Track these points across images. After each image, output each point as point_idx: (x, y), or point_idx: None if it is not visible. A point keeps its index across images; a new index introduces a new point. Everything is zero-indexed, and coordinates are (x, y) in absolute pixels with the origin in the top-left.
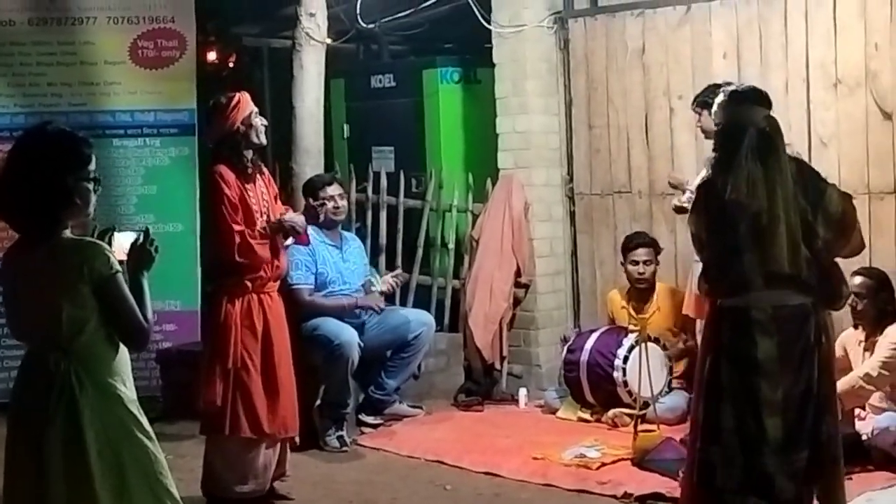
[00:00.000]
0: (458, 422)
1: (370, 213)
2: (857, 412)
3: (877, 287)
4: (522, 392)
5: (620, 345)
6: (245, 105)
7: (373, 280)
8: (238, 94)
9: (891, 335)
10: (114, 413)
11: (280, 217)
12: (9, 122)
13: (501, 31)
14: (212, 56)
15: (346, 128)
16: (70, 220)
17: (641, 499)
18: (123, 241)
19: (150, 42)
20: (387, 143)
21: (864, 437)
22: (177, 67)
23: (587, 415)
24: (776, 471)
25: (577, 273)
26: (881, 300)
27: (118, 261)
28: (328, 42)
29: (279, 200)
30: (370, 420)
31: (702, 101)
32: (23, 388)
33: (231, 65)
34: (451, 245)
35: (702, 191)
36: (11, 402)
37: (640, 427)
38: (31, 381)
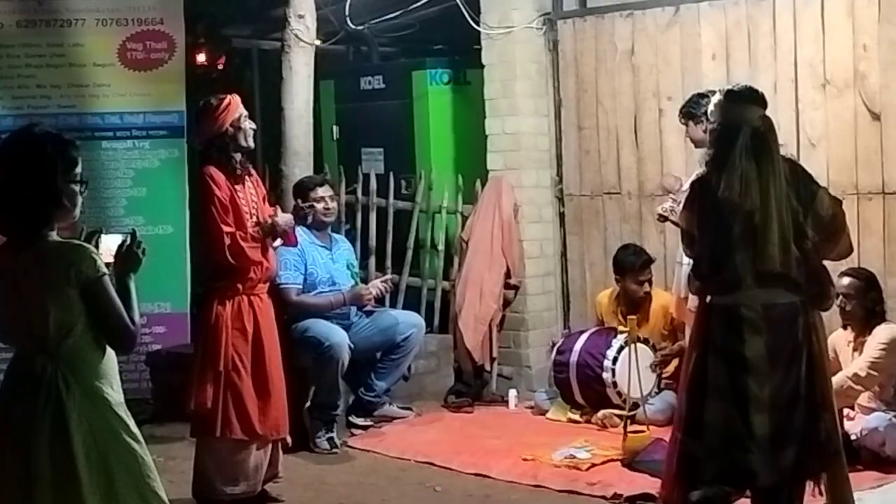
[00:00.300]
0: (448, 423)
1: (360, 215)
2: (847, 412)
3: (865, 287)
4: (512, 393)
5: (610, 346)
6: (234, 108)
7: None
8: (228, 97)
9: (879, 335)
10: (101, 416)
11: (272, 218)
12: None
13: (491, 33)
14: (201, 58)
15: (336, 129)
16: (57, 223)
17: (631, 499)
18: (110, 244)
19: (139, 44)
20: (376, 145)
21: (853, 438)
22: (166, 69)
23: (577, 416)
24: (759, 467)
25: (567, 274)
26: (869, 300)
27: (105, 263)
28: (317, 44)
29: (268, 202)
30: (360, 422)
31: (687, 112)
32: (9, 392)
33: (220, 67)
34: (441, 247)
35: (695, 187)
36: None
37: (630, 428)
38: (18, 385)
